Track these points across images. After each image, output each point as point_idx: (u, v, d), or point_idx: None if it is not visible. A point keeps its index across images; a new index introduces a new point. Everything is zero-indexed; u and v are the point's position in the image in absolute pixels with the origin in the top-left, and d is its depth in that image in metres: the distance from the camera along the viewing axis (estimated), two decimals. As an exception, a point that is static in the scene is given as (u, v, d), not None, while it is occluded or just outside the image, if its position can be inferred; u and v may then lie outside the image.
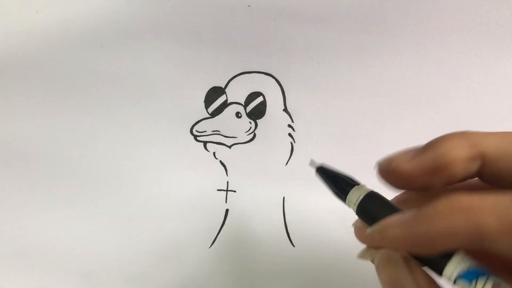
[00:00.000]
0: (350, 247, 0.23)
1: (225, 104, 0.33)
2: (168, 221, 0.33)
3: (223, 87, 0.33)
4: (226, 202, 0.33)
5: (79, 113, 0.33)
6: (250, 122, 0.33)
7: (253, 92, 0.33)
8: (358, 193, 0.22)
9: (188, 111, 0.33)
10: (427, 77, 0.33)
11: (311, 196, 0.33)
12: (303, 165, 0.33)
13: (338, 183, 0.23)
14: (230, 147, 0.33)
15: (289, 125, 0.33)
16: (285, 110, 0.33)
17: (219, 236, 0.32)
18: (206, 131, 0.33)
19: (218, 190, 0.33)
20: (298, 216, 0.33)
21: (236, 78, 0.33)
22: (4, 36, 0.33)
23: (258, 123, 0.33)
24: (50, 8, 0.33)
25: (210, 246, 0.32)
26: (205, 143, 0.33)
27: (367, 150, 0.33)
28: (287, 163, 0.33)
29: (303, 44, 0.33)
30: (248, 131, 0.33)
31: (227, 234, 0.32)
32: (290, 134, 0.33)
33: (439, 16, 0.32)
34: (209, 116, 0.34)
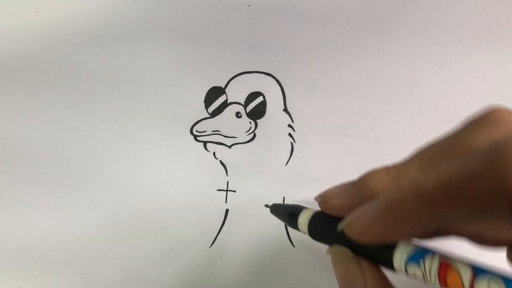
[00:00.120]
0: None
1: (225, 104, 0.33)
2: (168, 221, 0.33)
3: (223, 87, 0.33)
4: (226, 202, 0.33)
5: (79, 113, 0.33)
6: (250, 122, 0.33)
7: (253, 92, 0.33)
8: (306, 214, 0.25)
9: (188, 111, 0.33)
10: (427, 77, 0.33)
11: (311, 196, 0.32)
12: (303, 165, 0.33)
13: (290, 212, 0.27)
14: (230, 147, 0.33)
15: (289, 125, 0.33)
16: (285, 110, 0.33)
17: (219, 236, 0.32)
18: (206, 131, 0.33)
19: (218, 190, 0.33)
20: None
21: (236, 78, 0.33)
22: (4, 36, 0.33)
23: (258, 123, 0.33)
24: (50, 8, 0.33)
25: (210, 246, 0.32)
26: (205, 143, 0.33)
27: (367, 150, 0.33)
28: (287, 163, 0.33)
29: (303, 44, 0.33)
30: (248, 131, 0.33)
31: (227, 234, 0.32)
32: (290, 134, 0.33)
33: (439, 16, 0.33)
34: (209, 116, 0.33)
